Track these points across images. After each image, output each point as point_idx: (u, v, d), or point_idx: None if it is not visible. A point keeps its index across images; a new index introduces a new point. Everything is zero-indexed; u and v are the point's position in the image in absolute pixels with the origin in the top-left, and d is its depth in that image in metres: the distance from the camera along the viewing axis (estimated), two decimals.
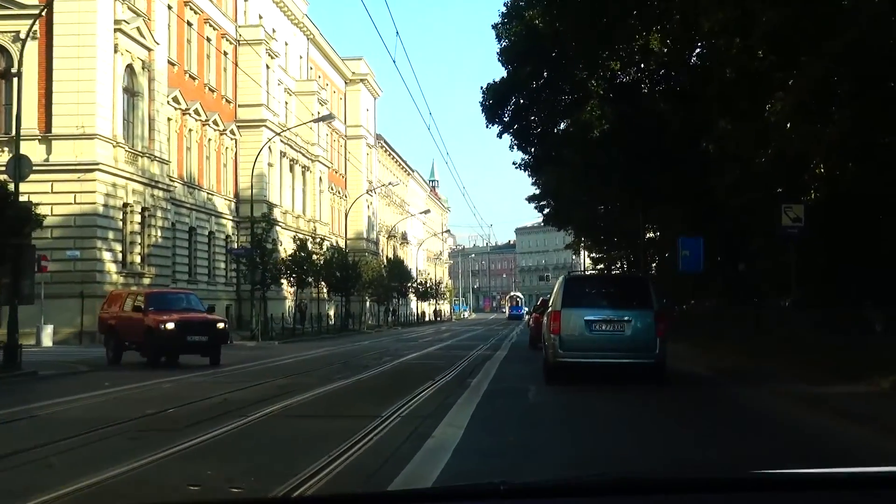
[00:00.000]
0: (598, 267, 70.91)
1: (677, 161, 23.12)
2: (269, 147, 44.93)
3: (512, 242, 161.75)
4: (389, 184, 63.89)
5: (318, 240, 39.63)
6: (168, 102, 33.94)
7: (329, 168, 56.62)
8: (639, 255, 52.13)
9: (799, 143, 15.07)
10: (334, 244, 59.66)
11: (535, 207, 57.10)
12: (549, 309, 13.93)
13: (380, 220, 74.98)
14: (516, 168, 27.91)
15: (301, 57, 55.04)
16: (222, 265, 39.82)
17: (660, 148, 22.85)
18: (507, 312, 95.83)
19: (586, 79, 23.87)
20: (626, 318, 12.66)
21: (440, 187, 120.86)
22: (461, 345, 26.58)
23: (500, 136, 26.70)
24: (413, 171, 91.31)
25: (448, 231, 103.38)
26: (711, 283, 25.91)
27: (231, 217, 41.58)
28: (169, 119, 34.62)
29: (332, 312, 59.55)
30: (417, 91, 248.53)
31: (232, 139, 42.21)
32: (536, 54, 24.86)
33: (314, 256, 38.98)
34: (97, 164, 27.21)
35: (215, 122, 39.10)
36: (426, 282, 77.90)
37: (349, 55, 66.53)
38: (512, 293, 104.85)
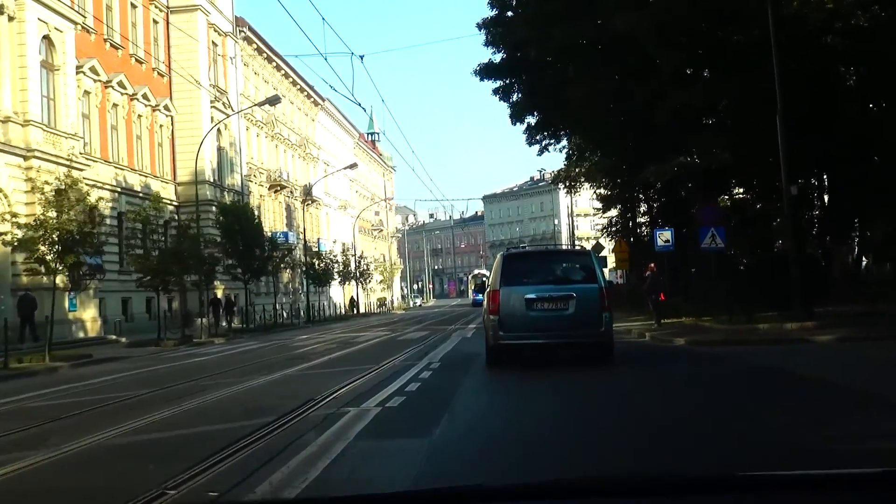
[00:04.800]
0: (608, 217, 43.30)
1: None
2: None
3: (479, 213, 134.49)
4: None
5: None
6: None
7: (96, 34, 28.36)
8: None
9: None
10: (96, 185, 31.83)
11: (496, 92, 29.63)
12: (488, 289, 13.00)
13: (255, 160, 47.10)
14: None
15: None
16: None
17: None
18: (472, 297, 68.80)
19: None
20: (568, 295, 11.56)
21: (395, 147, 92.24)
22: None
23: None
24: (324, 101, 63.26)
25: (356, 176, 74.47)
26: None
27: None
28: None
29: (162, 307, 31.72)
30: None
31: None
32: None
33: None
34: None
35: None
36: (333, 256, 50.16)
37: None
38: (476, 271, 77.48)
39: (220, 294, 38.37)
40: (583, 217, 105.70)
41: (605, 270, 54.29)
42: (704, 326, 16.78)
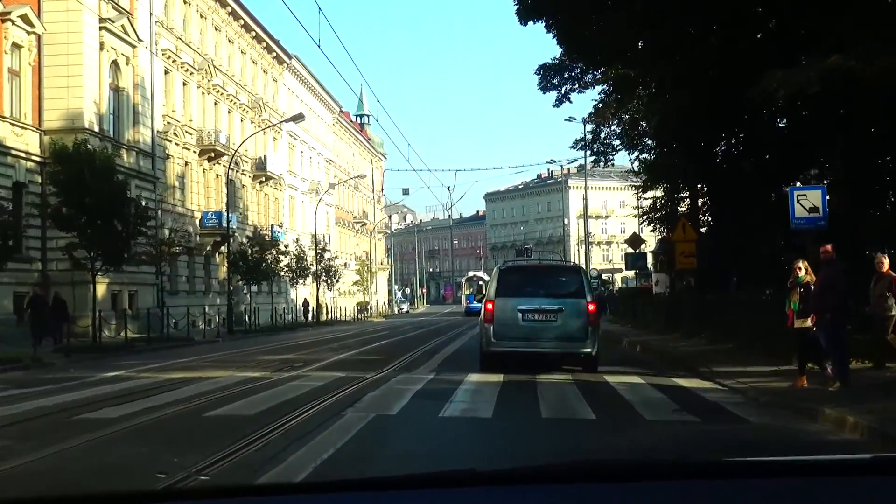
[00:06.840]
0: (652, 197, 30.98)
1: None
2: None
3: (481, 213, 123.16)
4: None
5: None
6: None
7: None
8: None
9: None
10: None
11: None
12: (484, 299, 13.64)
13: (178, 115, 35.75)
14: None
15: None
16: None
17: None
18: (465, 304, 57.47)
19: None
20: (558, 308, 12.45)
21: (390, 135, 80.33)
22: None
23: None
24: (291, 59, 51.86)
25: (334, 157, 61.60)
26: None
27: None
28: None
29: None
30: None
31: None
32: None
33: None
34: None
35: None
36: (284, 246, 38.66)
37: None
38: (470, 273, 66.10)
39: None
40: (594, 219, 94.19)
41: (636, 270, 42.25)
42: None
